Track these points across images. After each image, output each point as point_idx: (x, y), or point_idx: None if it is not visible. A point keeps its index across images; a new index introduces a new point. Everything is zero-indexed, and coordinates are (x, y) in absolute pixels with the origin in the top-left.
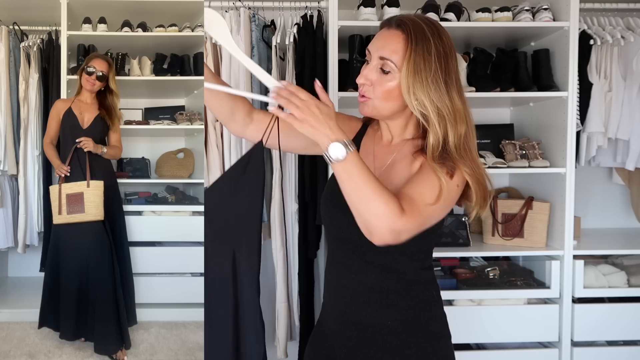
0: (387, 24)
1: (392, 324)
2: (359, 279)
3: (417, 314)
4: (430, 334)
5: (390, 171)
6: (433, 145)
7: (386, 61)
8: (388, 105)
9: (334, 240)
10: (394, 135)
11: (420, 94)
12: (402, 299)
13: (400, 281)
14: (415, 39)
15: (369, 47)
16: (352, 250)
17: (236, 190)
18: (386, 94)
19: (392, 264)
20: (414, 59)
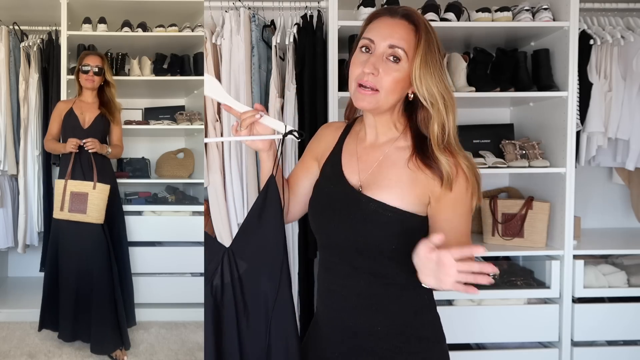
0: (388, 14)
1: (382, 329)
2: (347, 285)
3: (408, 319)
4: (422, 339)
5: (380, 172)
6: (437, 134)
7: (397, 49)
8: (392, 98)
9: (322, 247)
10: (379, 134)
11: (430, 83)
12: (391, 304)
13: (389, 286)
14: (425, 30)
15: (369, 35)
16: (339, 257)
17: (260, 223)
18: (394, 84)
19: (381, 270)
20: (424, 49)
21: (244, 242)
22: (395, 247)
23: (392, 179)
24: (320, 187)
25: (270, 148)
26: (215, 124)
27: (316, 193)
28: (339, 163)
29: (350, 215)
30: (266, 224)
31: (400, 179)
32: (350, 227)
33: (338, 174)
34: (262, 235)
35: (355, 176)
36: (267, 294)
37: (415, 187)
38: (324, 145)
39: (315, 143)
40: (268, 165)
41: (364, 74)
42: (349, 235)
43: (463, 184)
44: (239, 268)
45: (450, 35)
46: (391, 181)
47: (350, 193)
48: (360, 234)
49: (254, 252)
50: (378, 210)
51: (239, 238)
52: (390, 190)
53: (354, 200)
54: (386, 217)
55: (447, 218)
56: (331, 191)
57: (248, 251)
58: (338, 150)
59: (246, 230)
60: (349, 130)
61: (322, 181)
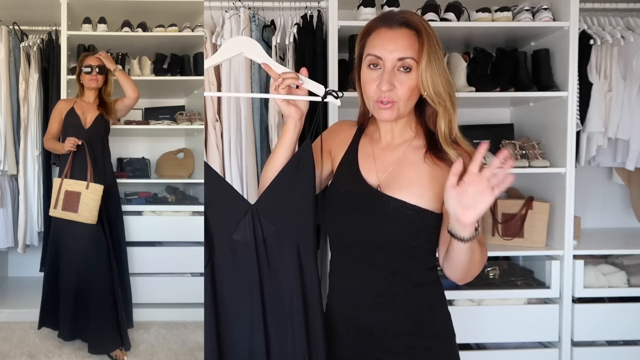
0: (386, 25)
1: (398, 327)
2: (364, 284)
3: (423, 315)
4: (436, 335)
5: (400, 172)
6: (445, 131)
7: (406, 60)
8: (409, 104)
9: (338, 245)
10: (396, 135)
11: (436, 83)
12: (408, 301)
13: (405, 284)
14: (426, 32)
15: (374, 52)
16: (357, 256)
17: (291, 186)
18: (409, 92)
19: (398, 266)
20: (428, 52)
21: (271, 203)
22: (415, 244)
23: (412, 178)
24: (337, 186)
25: (301, 119)
26: (215, 123)
27: (333, 192)
28: (355, 163)
29: (371, 213)
30: (297, 187)
31: (419, 178)
32: (371, 225)
33: (355, 173)
34: (291, 199)
35: (373, 176)
36: (292, 258)
37: (433, 184)
38: (339, 140)
39: (329, 136)
40: (290, 137)
41: (381, 92)
42: (369, 234)
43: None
44: (263, 229)
45: (450, 35)
46: (411, 180)
47: (369, 192)
48: (381, 232)
49: (281, 215)
50: (398, 208)
51: (266, 198)
52: (410, 188)
53: (374, 198)
54: (407, 215)
55: None
56: (349, 190)
57: (274, 213)
58: (354, 151)
59: (274, 192)
60: (362, 131)
61: (338, 180)
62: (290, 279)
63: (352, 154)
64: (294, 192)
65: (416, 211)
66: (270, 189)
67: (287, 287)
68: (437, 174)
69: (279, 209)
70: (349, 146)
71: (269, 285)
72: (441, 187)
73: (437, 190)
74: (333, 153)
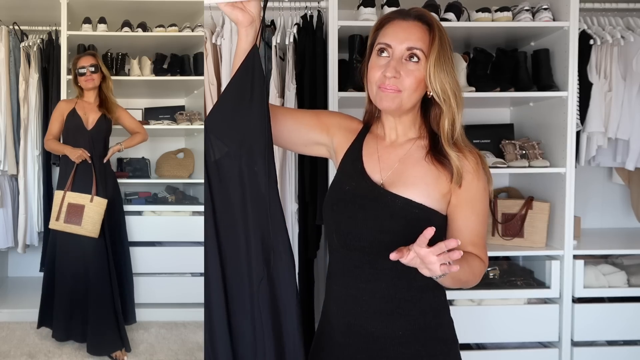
0: (401, 17)
1: (403, 333)
2: (369, 289)
3: (428, 321)
4: (440, 341)
5: (404, 170)
6: (447, 130)
7: (415, 50)
8: (414, 97)
9: (342, 248)
10: (400, 134)
11: (443, 80)
12: (413, 307)
13: (410, 289)
14: (438, 29)
15: (385, 40)
16: (360, 259)
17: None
18: (416, 84)
19: (404, 269)
20: (438, 48)
21: (221, 121)
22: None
23: (417, 176)
24: (341, 184)
25: (252, 24)
26: None
27: (336, 191)
28: (359, 160)
29: (376, 212)
30: (248, 102)
31: (425, 176)
32: (377, 223)
33: (360, 171)
34: (246, 115)
35: (377, 174)
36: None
37: (439, 184)
38: (343, 131)
39: (334, 116)
40: (245, 45)
41: (386, 77)
42: (374, 233)
43: (474, 178)
44: (215, 150)
45: (450, 35)
46: (416, 178)
47: (374, 190)
48: (386, 231)
49: (236, 134)
50: (405, 206)
51: (214, 116)
52: (416, 187)
53: (380, 197)
54: (413, 214)
55: (465, 215)
56: (353, 188)
57: (227, 131)
58: (358, 148)
59: (223, 109)
60: (367, 130)
61: (342, 178)
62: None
63: (356, 152)
64: (247, 107)
65: (422, 210)
66: (218, 104)
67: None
68: (442, 174)
69: (232, 127)
70: (352, 143)
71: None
72: (447, 188)
73: (444, 191)
74: (332, 135)
